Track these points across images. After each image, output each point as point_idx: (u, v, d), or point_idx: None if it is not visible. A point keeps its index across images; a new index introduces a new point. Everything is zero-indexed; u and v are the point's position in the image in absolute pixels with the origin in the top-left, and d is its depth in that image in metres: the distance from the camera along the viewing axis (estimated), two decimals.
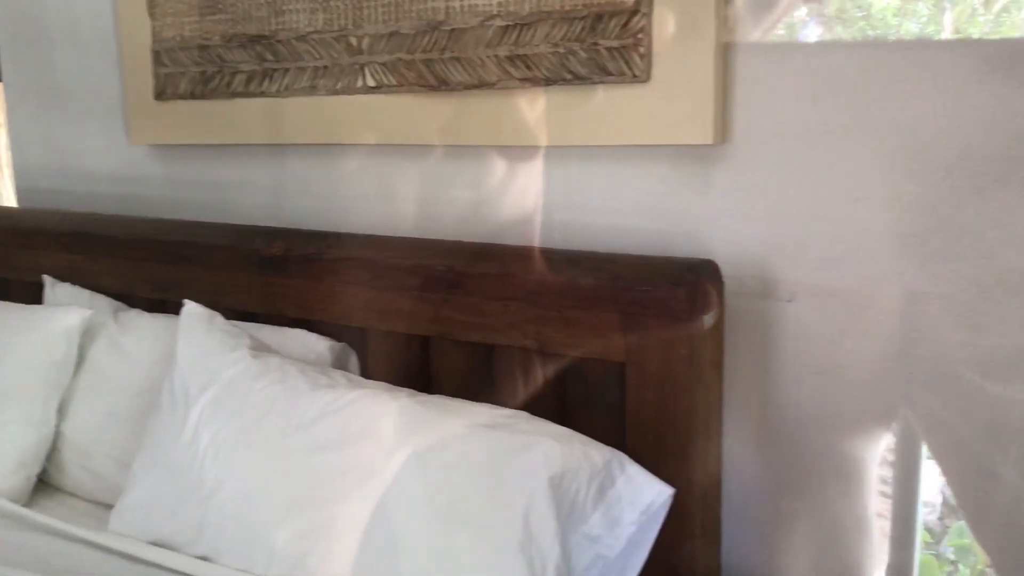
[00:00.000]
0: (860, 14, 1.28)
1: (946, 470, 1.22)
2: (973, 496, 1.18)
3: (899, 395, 1.22)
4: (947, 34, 1.23)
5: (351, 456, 1.23)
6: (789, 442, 1.33)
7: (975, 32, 1.21)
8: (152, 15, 1.85)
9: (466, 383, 1.42)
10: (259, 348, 1.44)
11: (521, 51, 1.40)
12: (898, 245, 1.20)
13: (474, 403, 1.29)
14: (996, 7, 1.21)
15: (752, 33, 1.26)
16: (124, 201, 2.06)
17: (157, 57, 1.86)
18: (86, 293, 1.82)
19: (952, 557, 1.89)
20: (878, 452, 1.42)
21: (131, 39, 1.91)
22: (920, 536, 1.36)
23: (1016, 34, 1.21)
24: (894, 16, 1.27)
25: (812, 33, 1.31)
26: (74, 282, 1.86)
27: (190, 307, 1.50)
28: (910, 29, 1.26)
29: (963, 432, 1.12)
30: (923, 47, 1.20)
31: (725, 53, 1.29)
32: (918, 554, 1.37)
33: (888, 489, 1.37)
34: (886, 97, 1.19)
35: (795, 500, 1.33)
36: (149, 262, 1.79)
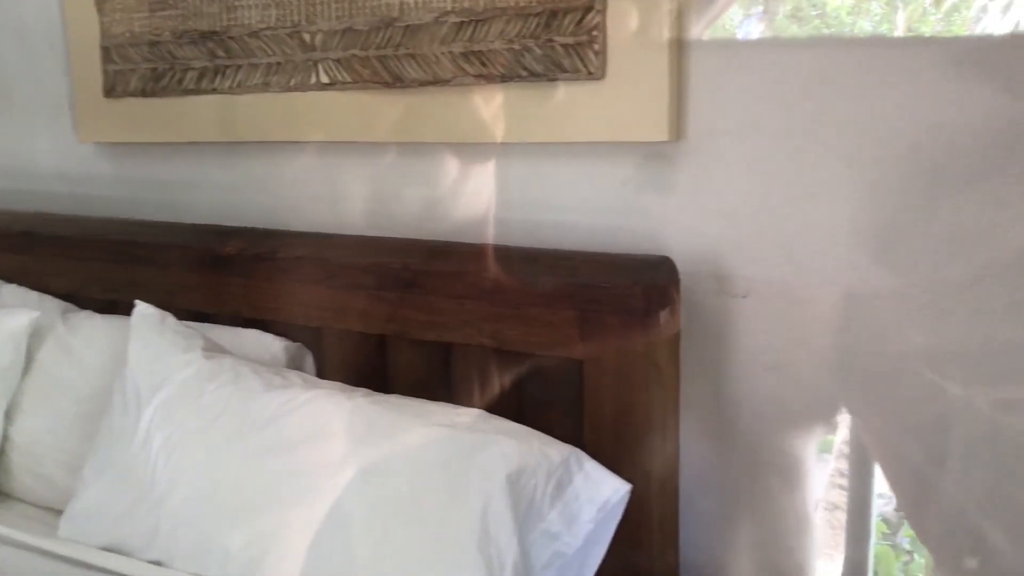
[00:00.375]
0: (815, 12, 1.29)
1: (890, 467, 1.24)
2: (916, 494, 1.20)
3: (851, 391, 1.23)
4: (900, 33, 1.24)
5: (306, 457, 1.21)
6: (745, 437, 1.34)
7: (927, 31, 1.23)
8: (100, 11, 1.81)
9: (423, 382, 1.41)
10: (212, 349, 1.42)
11: (476, 47, 1.40)
12: (853, 241, 1.21)
13: (431, 402, 1.28)
14: (945, 6, 1.23)
15: (694, 28, 1.27)
16: (74, 200, 2.02)
17: (106, 53, 1.82)
18: (34, 294, 1.78)
19: (908, 547, 1.92)
20: (834, 446, 1.43)
21: (79, 35, 1.87)
22: (875, 527, 1.38)
23: (965, 33, 1.22)
24: (848, 15, 1.28)
25: (765, 31, 1.32)
26: (22, 283, 1.82)
27: (141, 308, 1.47)
28: (864, 27, 1.27)
29: (913, 430, 1.13)
30: (877, 45, 1.21)
31: (679, 50, 1.29)
32: (873, 545, 1.39)
33: (844, 481, 1.39)
34: (840, 94, 1.21)
35: (751, 494, 1.34)
36: (100, 262, 1.76)
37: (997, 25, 1.19)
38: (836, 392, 1.26)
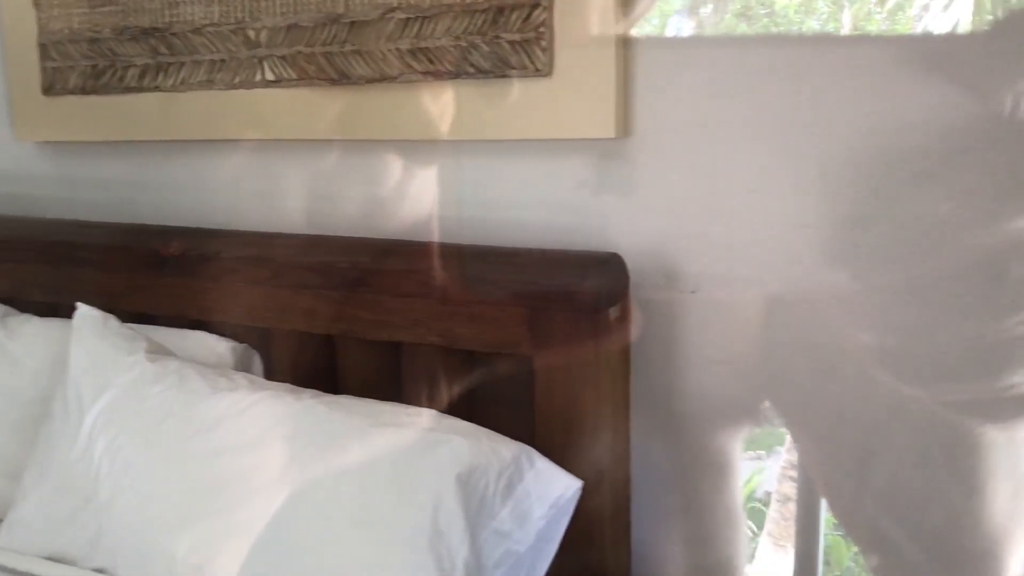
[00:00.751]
0: (764, 11, 1.30)
1: (824, 463, 1.26)
2: (850, 489, 1.22)
3: (796, 386, 1.25)
4: (846, 31, 1.26)
5: (253, 460, 1.20)
6: (695, 430, 1.35)
7: (872, 29, 1.24)
8: (37, 6, 1.76)
9: (373, 382, 1.40)
10: (157, 351, 1.39)
11: (423, 44, 1.39)
12: (801, 238, 1.22)
13: (380, 402, 1.27)
14: (889, 5, 1.25)
15: (640, 25, 1.27)
16: (12, 200, 1.97)
17: (44, 50, 1.78)
18: None
19: None
20: (785, 439, 1.44)
21: (15, 31, 1.82)
22: (826, 518, 1.40)
23: (908, 31, 1.24)
24: (795, 13, 1.29)
25: (713, 29, 1.33)
26: None
27: (83, 310, 1.44)
28: (812, 26, 1.29)
29: (852, 426, 1.14)
30: (823, 43, 1.22)
31: (626, 47, 1.29)
32: (824, 536, 1.41)
33: (795, 473, 1.40)
34: (787, 92, 1.22)
35: (700, 488, 1.35)
36: (39, 264, 1.72)
37: (938, 23, 1.21)
38: (782, 387, 1.27)
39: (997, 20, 1.11)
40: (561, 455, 1.20)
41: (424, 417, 1.22)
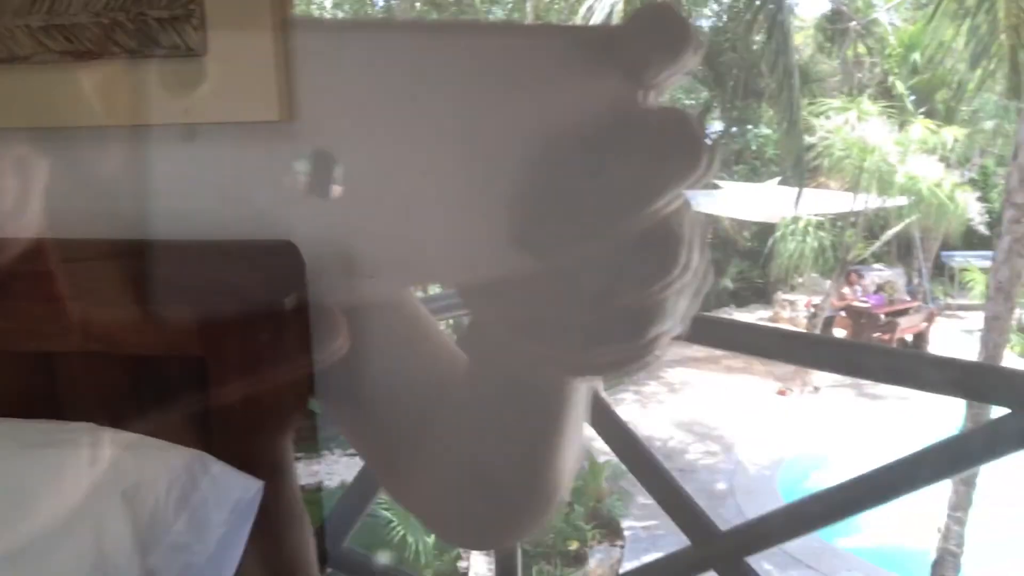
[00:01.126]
0: (452, 0, 1.30)
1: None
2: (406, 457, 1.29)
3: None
4: (530, 20, 1.29)
5: None
6: (384, 417, 1.34)
7: (553, 19, 1.28)
8: None
9: (24, 400, 1.24)
10: None
11: (57, 21, 1.24)
12: (471, 220, 1.23)
13: (31, 421, 1.14)
14: None
15: (289, 2, 1.23)
16: None
17: None
18: None
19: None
20: None
21: None
22: None
23: (579, 20, 1.30)
24: (482, 3, 1.31)
25: (400, 14, 1.31)
26: None
27: None
28: (498, 15, 1.30)
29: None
30: (499, 30, 1.24)
31: (287, 28, 1.24)
32: None
33: None
34: (461, 78, 1.22)
35: (392, 477, 1.35)
36: None
37: (599, 12, 1.27)
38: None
39: (633, 9, 1.19)
40: (241, 456, 1.15)
41: (83, 433, 1.11)
